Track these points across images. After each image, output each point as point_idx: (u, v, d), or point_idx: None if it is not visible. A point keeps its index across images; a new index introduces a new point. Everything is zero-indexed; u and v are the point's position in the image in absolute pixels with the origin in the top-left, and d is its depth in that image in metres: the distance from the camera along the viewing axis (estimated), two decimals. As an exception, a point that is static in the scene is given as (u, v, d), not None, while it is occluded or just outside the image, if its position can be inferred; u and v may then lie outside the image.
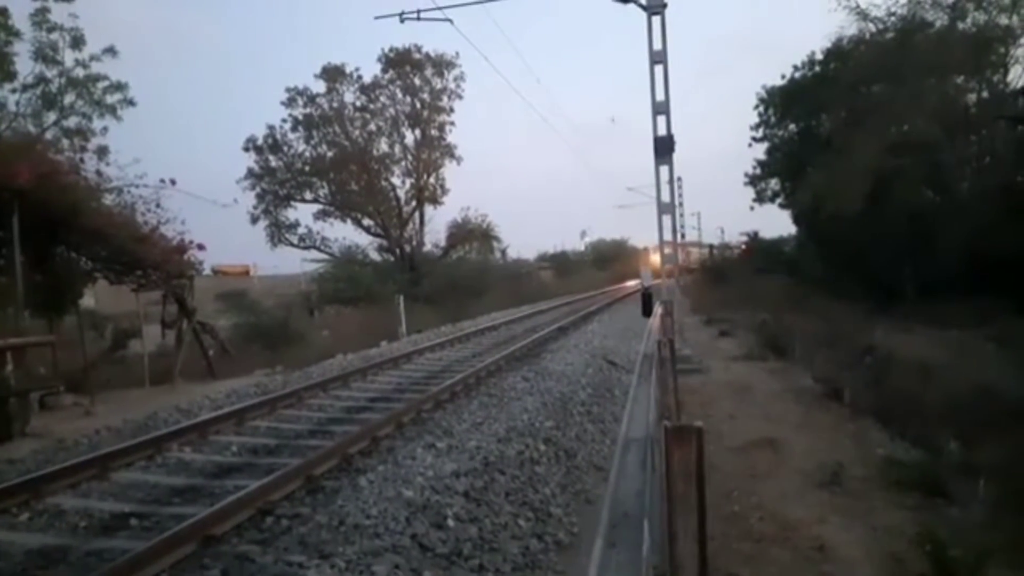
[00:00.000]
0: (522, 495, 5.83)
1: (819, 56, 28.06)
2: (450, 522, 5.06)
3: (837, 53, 26.23)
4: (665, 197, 13.60)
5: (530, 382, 10.19)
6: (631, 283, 40.66)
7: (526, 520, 5.41)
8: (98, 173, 12.88)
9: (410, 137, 36.81)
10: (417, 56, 35.58)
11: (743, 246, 44.65)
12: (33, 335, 9.38)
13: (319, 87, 35.51)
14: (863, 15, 23.79)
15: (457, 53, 35.74)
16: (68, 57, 15.11)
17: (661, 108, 13.47)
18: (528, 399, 9.01)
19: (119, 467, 6.22)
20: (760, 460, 9.80)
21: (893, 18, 22.97)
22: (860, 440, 10.84)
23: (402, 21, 14.32)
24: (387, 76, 35.86)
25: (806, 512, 8.11)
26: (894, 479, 8.96)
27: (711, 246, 60.22)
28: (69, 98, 15.17)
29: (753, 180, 34.37)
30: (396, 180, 37.24)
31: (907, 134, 21.91)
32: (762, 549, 7.24)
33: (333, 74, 35.47)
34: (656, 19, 13.53)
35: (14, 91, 14.84)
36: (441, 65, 35.88)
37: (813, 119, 28.94)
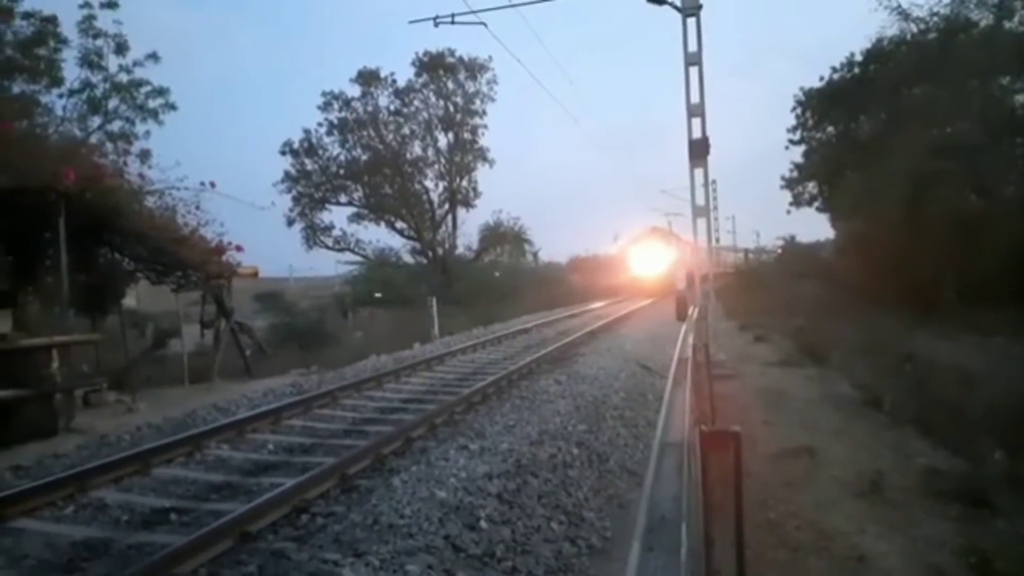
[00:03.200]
0: (555, 498, 5.80)
1: (858, 57, 27.56)
2: (483, 524, 5.06)
3: (877, 54, 25.72)
4: (700, 200, 13.50)
5: (563, 385, 10.15)
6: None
7: (559, 523, 5.38)
8: (141, 176, 13.18)
9: (443, 140, 37.14)
10: (450, 60, 35.85)
11: (779, 250, 43.98)
12: (78, 334, 9.62)
13: (354, 91, 36.00)
14: (905, 15, 23.33)
15: (490, 56, 35.95)
16: (112, 63, 15.54)
17: (696, 110, 13.39)
18: (560, 402, 8.98)
19: (160, 463, 6.35)
20: (797, 468, 9.64)
21: (936, 18, 22.49)
22: (900, 449, 10.59)
23: (436, 25, 14.50)
24: (421, 80, 36.24)
25: (844, 522, 7.96)
26: (936, 489, 8.73)
27: (746, 250, 59.43)
28: (113, 103, 15.59)
29: (790, 183, 33.82)
30: (429, 183, 37.61)
31: (950, 137, 21.38)
32: (799, 558, 7.13)
33: (368, 78, 35.92)
34: (691, 21, 13.47)
35: (61, 96, 15.30)
36: (474, 68, 36.11)
37: (852, 121, 28.38)
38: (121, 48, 15.49)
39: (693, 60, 13.41)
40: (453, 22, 14.23)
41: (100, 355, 10.92)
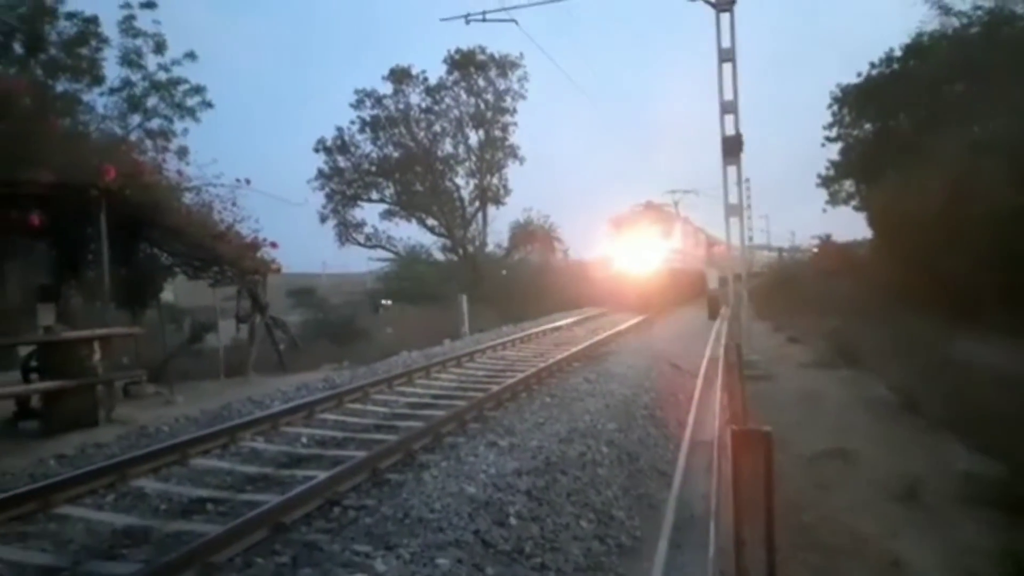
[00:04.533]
0: (584, 496, 5.80)
1: (897, 53, 27.01)
2: (512, 520, 5.08)
3: (917, 50, 25.21)
4: (733, 199, 13.36)
5: (592, 384, 10.13)
6: None
7: (588, 521, 5.39)
8: (178, 173, 13.47)
9: (474, 138, 37.25)
10: (481, 57, 35.93)
11: (814, 250, 43.27)
12: (118, 327, 9.86)
13: (386, 89, 36.29)
14: (946, 9, 22.83)
15: (521, 54, 35.95)
16: (151, 62, 15.89)
17: (729, 107, 13.26)
18: (590, 400, 8.97)
19: (197, 454, 6.49)
20: (830, 471, 9.50)
21: (979, 12, 21.95)
22: (937, 453, 10.37)
23: (467, 23, 14.54)
24: (452, 78, 36.39)
25: (879, 525, 7.82)
26: (974, 494, 8.53)
27: (780, 249, 58.61)
28: (152, 101, 15.97)
29: (826, 181, 33.36)
30: (460, 180, 37.77)
31: (992, 134, 20.85)
32: (832, 561, 7.02)
33: (400, 76, 36.19)
34: (724, 17, 13.33)
35: (102, 94, 15.70)
36: (505, 66, 36.14)
37: (891, 118, 27.84)
38: (160, 47, 15.86)
39: (727, 56, 13.28)
40: (484, 19, 14.27)
41: (139, 348, 11.17)
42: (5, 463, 6.22)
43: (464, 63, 35.84)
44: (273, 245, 13.90)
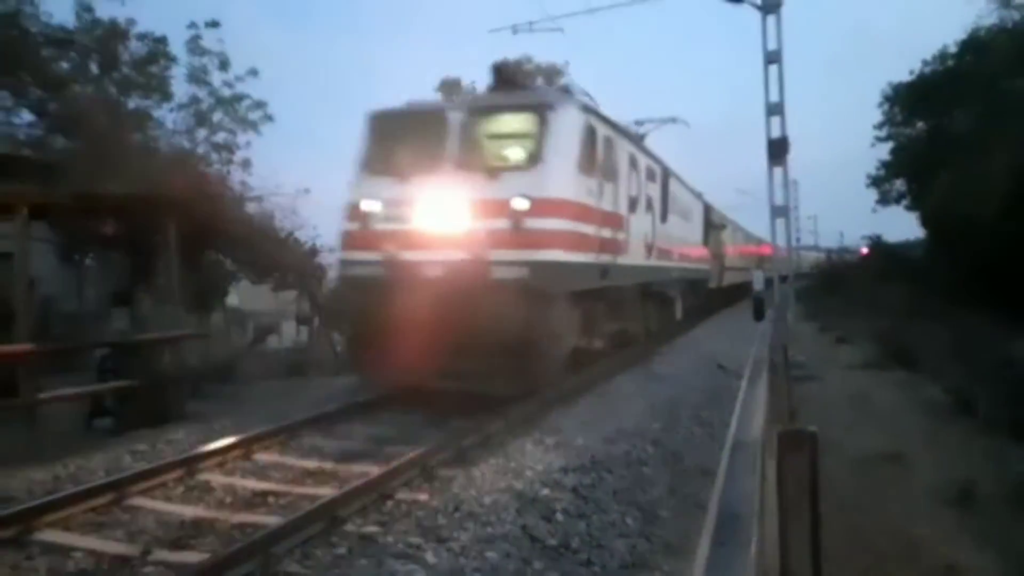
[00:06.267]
0: (629, 495, 5.90)
1: (952, 49, 26.23)
2: (559, 516, 5.24)
3: (973, 45, 24.43)
4: (779, 200, 13.27)
5: (637, 384, 10.21)
6: None
7: (633, 519, 5.47)
8: (242, 183, 14.04)
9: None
10: (528, 67, 36.13)
11: (864, 250, 42.23)
12: (187, 329, 10.31)
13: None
14: (1005, 2, 22.10)
15: (567, 62, 36.07)
16: (216, 78, 16.49)
17: (775, 109, 13.19)
18: (636, 401, 9.06)
19: (260, 450, 6.83)
20: (882, 474, 9.34)
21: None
22: (994, 457, 10.10)
23: (515, 33, 14.63)
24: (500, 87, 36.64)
25: (932, 530, 7.68)
26: (1033, 499, 8.34)
27: (828, 250, 57.34)
28: (217, 115, 16.47)
29: (876, 181, 32.55)
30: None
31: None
32: (882, 566, 6.94)
33: (450, 87, 36.61)
34: (771, 18, 13.26)
35: (171, 110, 16.31)
36: (551, 75, 36.27)
37: (945, 116, 27.05)
38: (224, 65, 16.42)
39: (773, 58, 13.21)
40: (532, 30, 14.41)
41: (207, 349, 11.64)
42: (81, 458, 6.55)
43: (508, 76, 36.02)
44: (332, 251, 14.37)
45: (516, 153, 8.33)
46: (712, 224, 21.52)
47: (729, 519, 5.09)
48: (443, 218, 7.89)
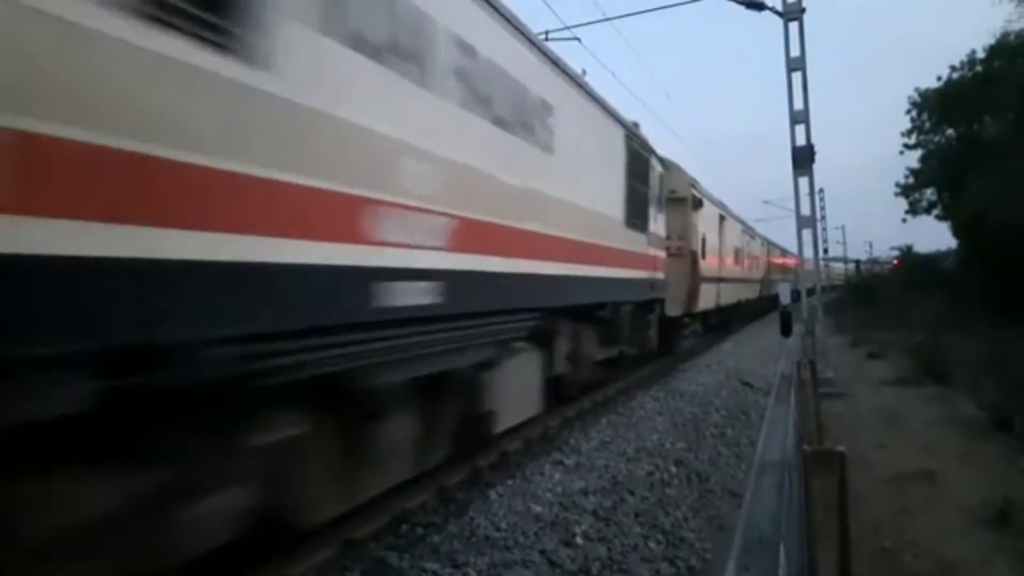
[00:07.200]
0: (652, 517, 5.74)
1: (981, 55, 25.83)
2: (578, 539, 5.08)
3: (1002, 50, 24.03)
4: (805, 210, 13.03)
5: (660, 402, 10.02)
6: None
7: (656, 543, 5.31)
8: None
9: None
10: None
11: (894, 261, 41.57)
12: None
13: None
14: (1034, 6, 21.71)
15: (584, 71, 36.18)
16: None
17: (799, 117, 12.97)
18: (658, 419, 8.87)
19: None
20: (915, 493, 9.02)
21: (1072, 7, 20.80)
22: (1034, 476, 9.74)
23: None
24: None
25: (968, 552, 7.37)
26: (1076, 522, 7.97)
27: (857, 261, 56.56)
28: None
29: (905, 190, 32.08)
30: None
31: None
32: (916, 589, 6.67)
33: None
34: (793, 25, 13.08)
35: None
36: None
37: (975, 123, 26.60)
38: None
39: (796, 65, 13.00)
40: (547, 39, 14.38)
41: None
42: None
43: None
44: None
45: None
46: (674, 196, 13.68)
47: (754, 542, 4.88)
48: None
